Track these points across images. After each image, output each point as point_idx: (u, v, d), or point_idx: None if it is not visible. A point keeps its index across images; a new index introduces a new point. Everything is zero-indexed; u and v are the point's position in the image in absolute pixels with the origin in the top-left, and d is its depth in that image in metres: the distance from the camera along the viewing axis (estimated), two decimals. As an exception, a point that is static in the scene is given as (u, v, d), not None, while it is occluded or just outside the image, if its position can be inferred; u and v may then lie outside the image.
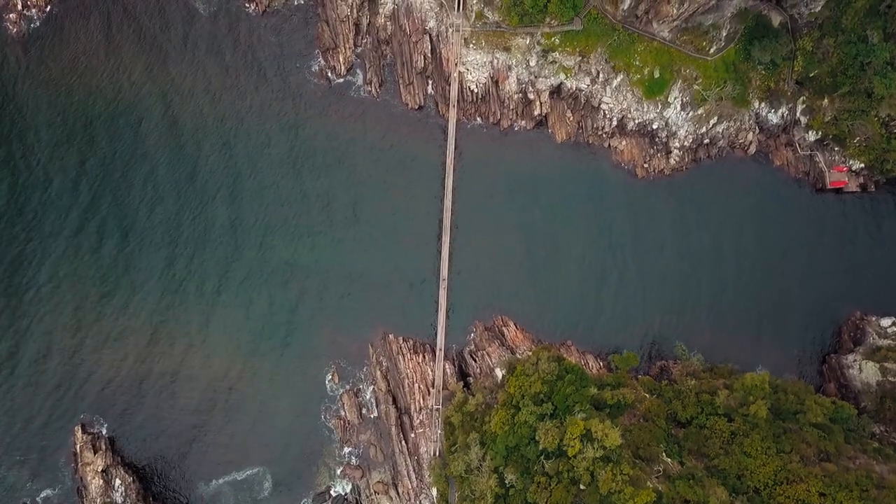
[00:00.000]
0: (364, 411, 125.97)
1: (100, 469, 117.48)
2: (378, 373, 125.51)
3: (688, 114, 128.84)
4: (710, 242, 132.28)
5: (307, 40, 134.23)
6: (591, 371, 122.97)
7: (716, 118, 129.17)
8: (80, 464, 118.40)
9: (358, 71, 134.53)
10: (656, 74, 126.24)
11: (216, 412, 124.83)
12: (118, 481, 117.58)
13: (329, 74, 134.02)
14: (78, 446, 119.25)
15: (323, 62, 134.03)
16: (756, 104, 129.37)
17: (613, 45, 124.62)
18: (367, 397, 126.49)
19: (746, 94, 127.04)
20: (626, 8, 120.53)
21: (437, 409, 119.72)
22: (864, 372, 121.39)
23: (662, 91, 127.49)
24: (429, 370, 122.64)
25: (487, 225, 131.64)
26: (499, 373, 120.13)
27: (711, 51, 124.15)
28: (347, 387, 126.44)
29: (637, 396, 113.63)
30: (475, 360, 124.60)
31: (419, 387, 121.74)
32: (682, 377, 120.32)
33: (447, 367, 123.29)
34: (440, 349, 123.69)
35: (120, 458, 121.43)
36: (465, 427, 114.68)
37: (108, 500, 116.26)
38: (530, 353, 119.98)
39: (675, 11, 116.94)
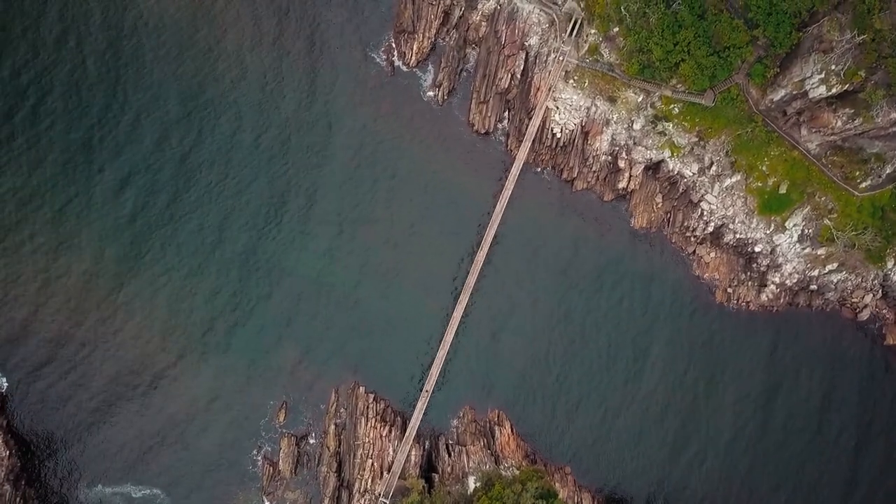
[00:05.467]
0: (301, 466, 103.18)
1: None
2: (332, 427, 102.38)
3: (804, 248, 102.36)
4: (778, 408, 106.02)
5: (382, 13, 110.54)
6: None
7: (835, 265, 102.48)
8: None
9: (430, 67, 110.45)
10: (782, 189, 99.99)
11: (134, 406, 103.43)
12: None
13: (395, 60, 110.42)
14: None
15: (393, 44, 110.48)
16: (890, 264, 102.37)
17: (743, 137, 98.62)
18: (310, 451, 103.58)
19: (885, 249, 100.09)
20: (775, 99, 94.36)
21: (384, 502, 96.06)
22: None
23: (782, 211, 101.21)
24: (390, 449, 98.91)
25: (520, 295, 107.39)
26: (471, 483, 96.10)
27: (863, 185, 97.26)
28: (291, 431, 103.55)
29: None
30: (449, 455, 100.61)
31: (372, 464, 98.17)
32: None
33: (414, 452, 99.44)
34: (412, 429, 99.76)
35: (6, 423, 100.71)
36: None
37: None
38: (517, 472, 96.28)
39: (838, 124, 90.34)
